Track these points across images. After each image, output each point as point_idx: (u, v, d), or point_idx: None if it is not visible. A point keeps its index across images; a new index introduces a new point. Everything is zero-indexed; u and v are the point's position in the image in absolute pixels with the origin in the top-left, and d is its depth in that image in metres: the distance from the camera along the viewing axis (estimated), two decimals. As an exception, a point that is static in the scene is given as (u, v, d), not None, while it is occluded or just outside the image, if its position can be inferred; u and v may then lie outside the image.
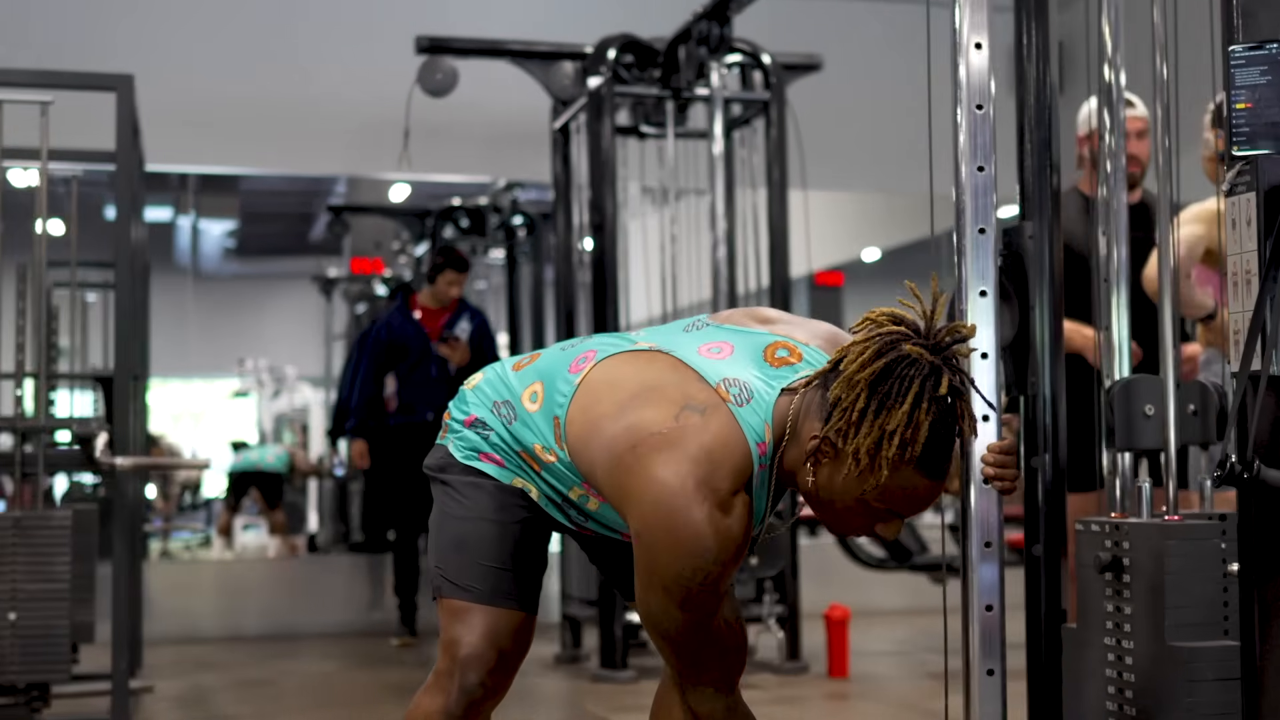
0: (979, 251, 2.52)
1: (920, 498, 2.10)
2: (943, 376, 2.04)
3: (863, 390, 2.04)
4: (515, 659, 2.33)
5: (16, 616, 4.44)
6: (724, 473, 2.08)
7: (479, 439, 2.35)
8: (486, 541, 2.31)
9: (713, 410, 2.13)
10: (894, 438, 2.02)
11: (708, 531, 2.05)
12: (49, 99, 4.69)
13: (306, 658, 6.44)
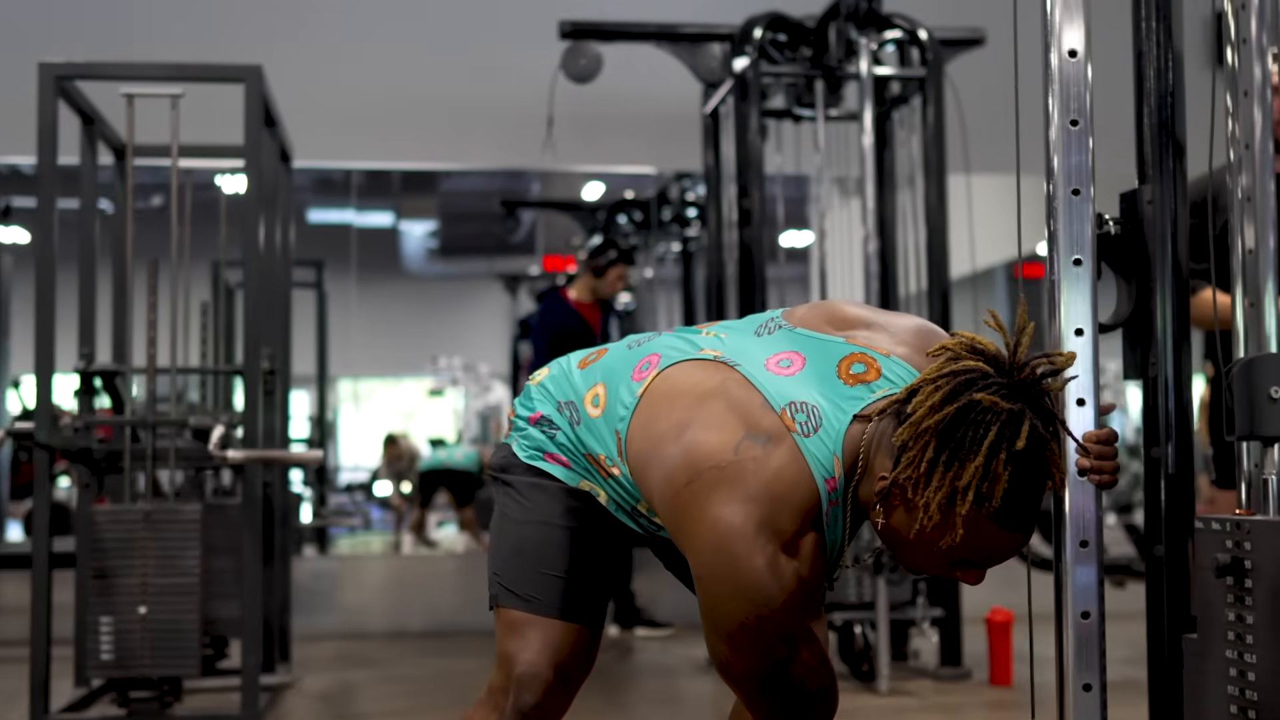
0: (1072, 215, 2.25)
1: (1002, 550, 1.90)
2: (1023, 425, 1.81)
3: (931, 440, 1.84)
4: (576, 678, 2.16)
5: (146, 610, 4.44)
6: (788, 513, 1.89)
7: (544, 438, 2.19)
8: (548, 548, 2.15)
9: (776, 441, 1.92)
10: (968, 493, 1.82)
11: (770, 579, 1.88)
12: (179, 91, 4.70)
13: (461, 655, 6.36)
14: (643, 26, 5.86)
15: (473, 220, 14.91)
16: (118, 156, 5.44)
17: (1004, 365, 1.86)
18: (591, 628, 2.16)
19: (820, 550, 1.94)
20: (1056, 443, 1.88)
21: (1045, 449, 1.84)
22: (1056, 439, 1.88)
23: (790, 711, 2.03)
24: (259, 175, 4.70)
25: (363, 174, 14.18)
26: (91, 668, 4.50)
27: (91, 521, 4.50)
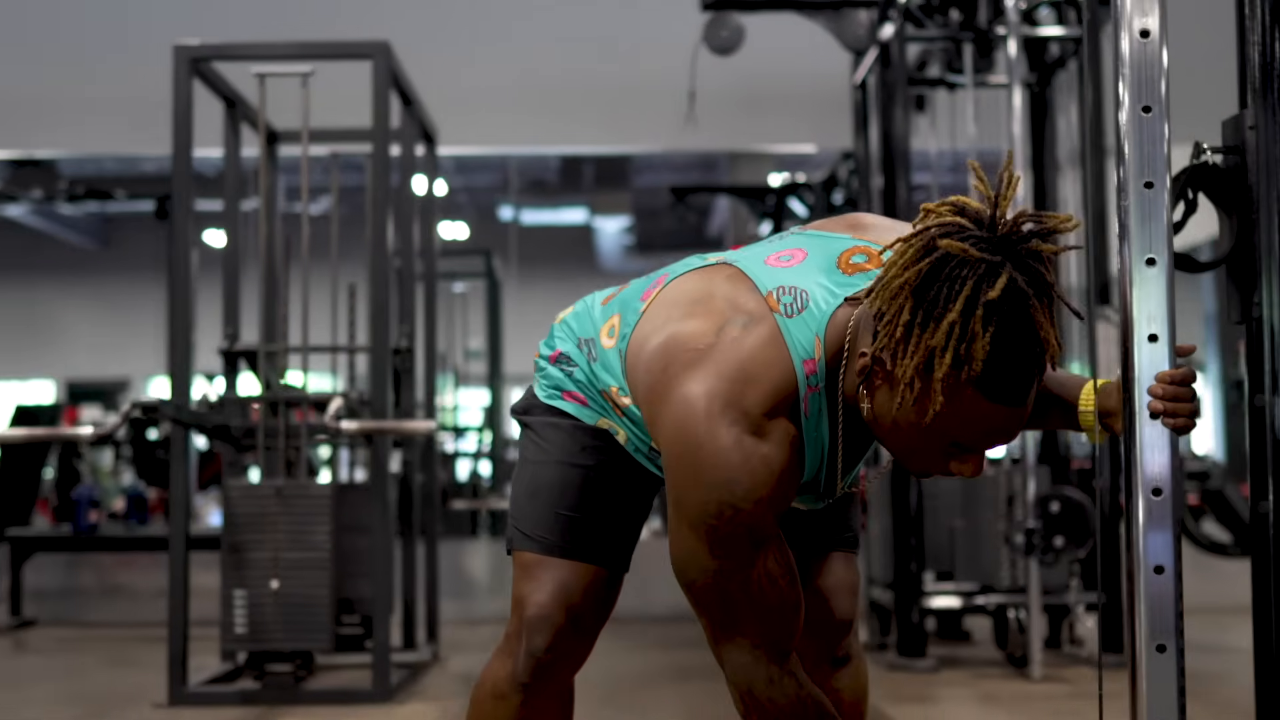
0: (1146, 210, 2.03)
1: (995, 428, 1.71)
2: (1000, 277, 1.63)
3: (905, 299, 1.67)
4: (590, 621, 2.04)
5: (278, 585, 4.48)
6: (758, 392, 1.76)
7: (562, 376, 2.09)
8: (561, 487, 2.04)
9: (757, 321, 1.80)
10: (944, 355, 1.64)
11: (734, 460, 1.74)
12: (309, 70, 4.73)
13: (617, 640, 6.28)
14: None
15: (666, 215, 14.91)
16: (269, 140, 5.51)
17: (985, 221, 1.69)
18: (608, 569, 2.04)
19: (796, 445, 1.79)
20: (1048, 307, 1.68)
21: (1028, 306, 1.65)
22: (1048, 302, 1.68)
23: (746, 621, 1.82)
24: (385, 150, 4.70)
25: (557, 169, 14.30)
26: (228, 641, 4.56)
27: (227, 497, 4.56)
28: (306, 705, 4.50)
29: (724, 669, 1.88)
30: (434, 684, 4.99)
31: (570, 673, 2.09)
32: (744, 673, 1.85)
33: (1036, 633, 4.87)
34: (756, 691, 1.85)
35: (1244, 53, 2.40)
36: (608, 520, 2.05)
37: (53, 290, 17.89)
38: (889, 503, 5.29)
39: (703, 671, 5.43)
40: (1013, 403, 1.69)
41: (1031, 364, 1.68)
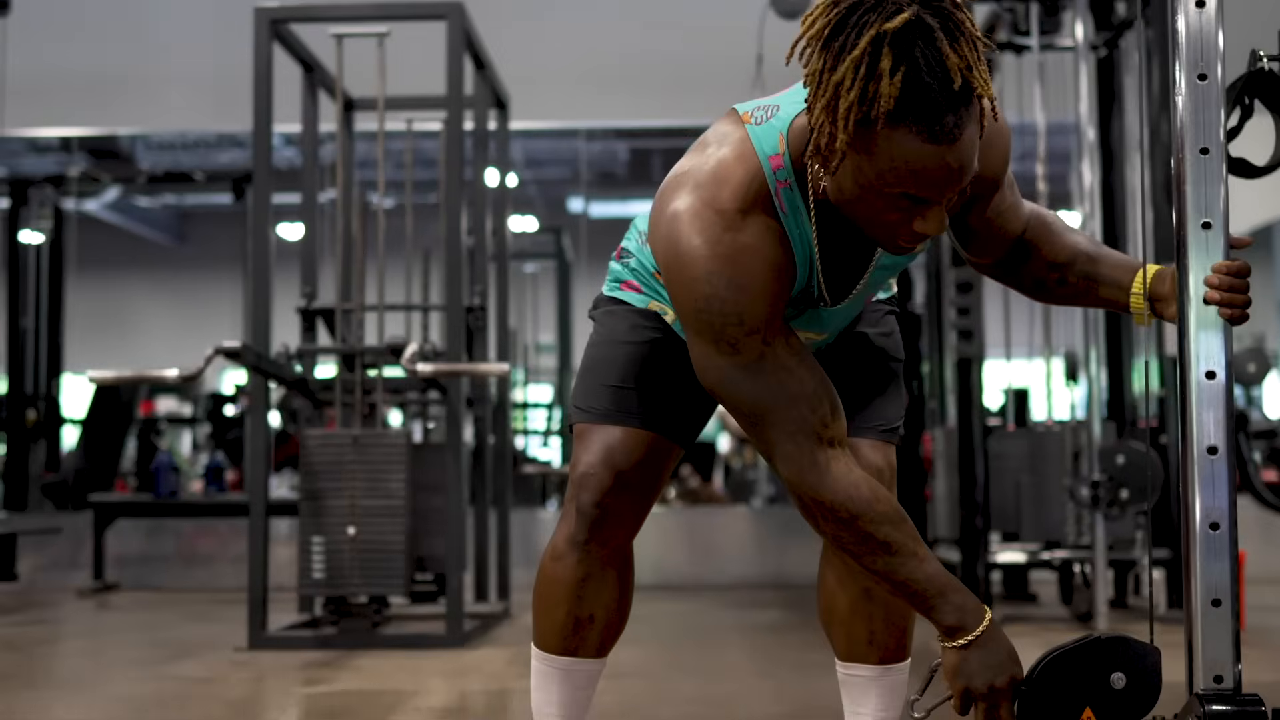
0: (1201, 175, 2.06)
1: (934, 171, 1.68)
2: (904, 11, 1.64)
3: (817, 48, 1.70)
4: (639, 482, 2.12)
5: (355, 531, 4.59)
6: (728, 191, 1.83)
7: (621, 268, 2.22)
8: (611, 362, 2.16)
9: (729, 137, 1.88)
10: (851, 92, 1.65)
11: (708, 253, 1.81)
12: (385, 30, 4.85)
13: (679, 600, 6.38)
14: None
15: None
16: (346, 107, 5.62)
17: None
18: (658, 432, 2.13)
19: (777, 237, 1.86)
20: (962, 44, 1.66)
21: (934, 40, 1.64)
22: (961, 39, 1.66)
23: (775, 413, 1.87)
24: (458, 113, 4.81)
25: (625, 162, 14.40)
26: (305, 586, 4.68)
27: (305, 445, 4.68)
28: (382, 650, 4.61)
29: (778, 471, 1.92)
30: (505, 633, 5.09)
31: (624, 533, 2.15)
32: (791, 464, 1.87)
33: (1102, 587, 4.89)
34: (807, 479, 1.87)
35: (1299, -38, 2.45)
36: (656, 391, 2.14)
37: (130, 284, 18.18)
38: (955, 462, 5.33)
39: (769, 627, 5.51)
40: (939, 139, 1.67)
41: (948, 97, 1.66)
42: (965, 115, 1.68)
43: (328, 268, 5.52)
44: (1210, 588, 2.05)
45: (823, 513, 1.88)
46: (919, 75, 1.64)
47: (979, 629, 1.88)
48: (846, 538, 1.88)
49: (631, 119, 8.85)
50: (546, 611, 2.17)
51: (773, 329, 1.86)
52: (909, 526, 1.89)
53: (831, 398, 1.90)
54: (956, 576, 5.53)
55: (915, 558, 1.87)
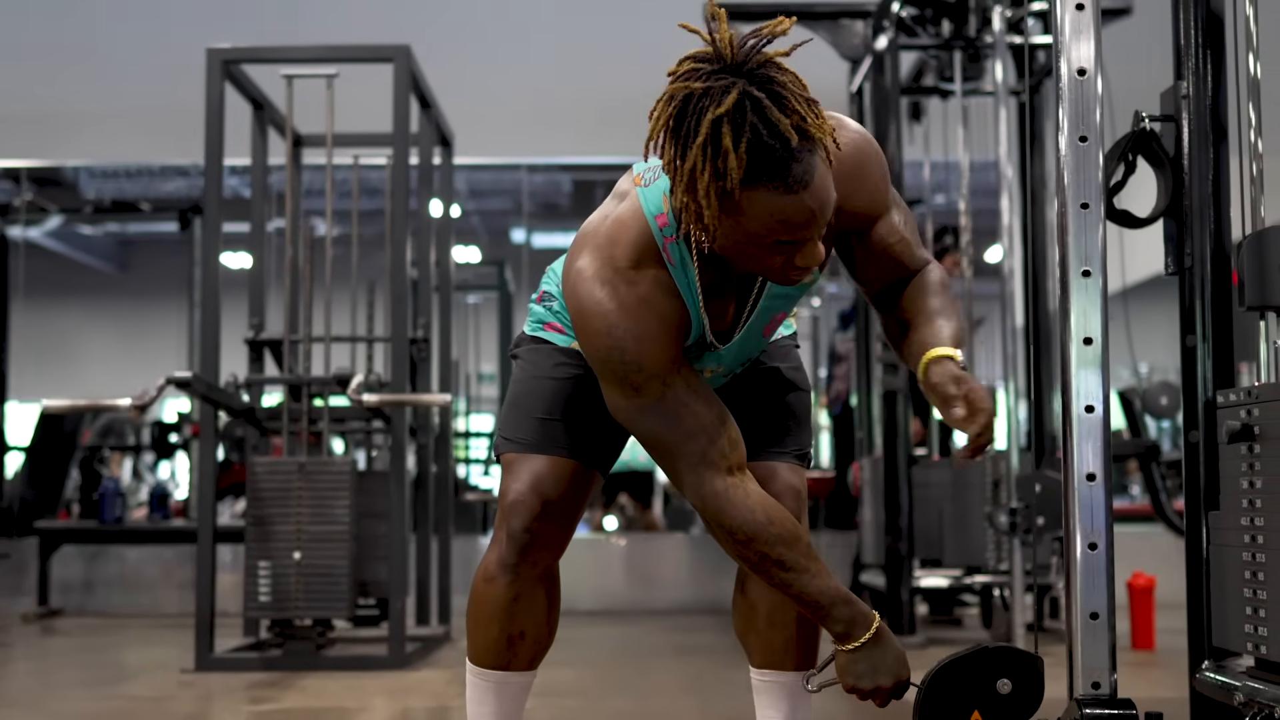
0: (1082, 227, 2.26)
1: (795, 214, 1.89)
2: (731, 92, 1.83)
3: (666, 141, 1.92)
4: (564, 508, 2.31)
5: (301, 556, 4.74)
6: (621, 250, 2.07)
7: (544, 310, 2.41)
8: (537, 395, 2.35)
9: (623, 198, 2.13)
10: (704, 174, 1.86)
11: (608, 307, 2.04)
12: (334, 72, 5.02)
13: (616, 625, 6.55)
14: (785, 6, 6.00)
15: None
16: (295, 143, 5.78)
17: (713, 57, 1.89)
18: (580, 461, 2.31)
19: (667, 288, 2.07)
20: (790, 103, 1.86)
21: (764, 110, 1.84)
22: (787, 99, 1.86)
23: (680, 446, 2.08)
24: (404, 150, 4.98)
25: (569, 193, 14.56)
26: (251, 609, 4.82)
27: (252, 473, 4.82)
28: (326, 671, 4.76)
29: (689, 499, 2.14)
30: (446, 655, 5.24)
31: (551, 555, 2.33)
32: (693, 492, 2.10)
33: (1019, 611, 5.10)
34: (707, 505, 2.10)
35: (1176, 30, 2.68)
36: (578, 422, 2.33)
37: (73, 312, 18.17)
38: (881, 489, 5.54)
39: (702, 649, 5.69)
40: (793, 188, 1.87)
41: (790, 152, 1.86)
42: (811, 161, 1.88)
43: (274, 298, 5.66)
44: (1089, 602, 2.24)
45: (724, 535, 2.10)
46: (760, 140, 1.84)
47: (865, 636, 2.11)
48: (747, 556, 2.10)
49: (573, 155, 9.05)
50: (480, 629, 2.34)
51: (672, 371, 2.07)
52: (803, 545, 2.10)
53: (730, 430, 2.11)
54: (882, 599, 5.68)
55: (808, 573, 2.09)
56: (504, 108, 7.82)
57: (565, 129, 8.12)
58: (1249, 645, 2.31)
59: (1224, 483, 2.40)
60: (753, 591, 2.40)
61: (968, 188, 5.88)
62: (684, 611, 7.14)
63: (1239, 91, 2.65)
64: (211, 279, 4.96)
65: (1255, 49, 2.64)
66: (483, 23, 8.10)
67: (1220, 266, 2.60)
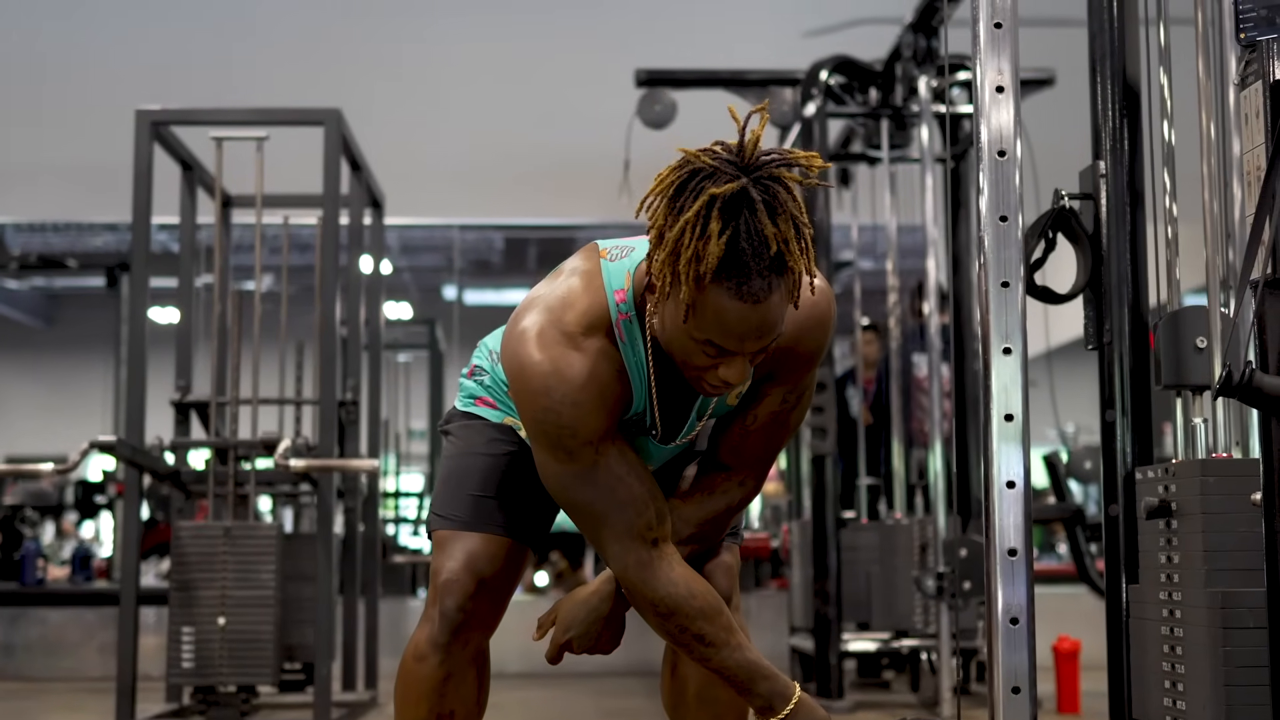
0: (1002, 305, 2.29)
1: (740, 326, 1.91)
2: (733, 184, 1.86)
3: (660, 205, 1.93)
4: (498, 586, 2.29)
5: (225, 622, 4.69)
6: (573, 315, 2.06)
7: (475, 385, 2.39)
8: (471, 472, 2.32)
9: (583, 268, 2.12)
10: (687, 248, 1.87)
11: (549, 369, 2.03)
12: (264, 135, 5.02)
13: (544, 688, 6.51)
14: (714, 73, 6.08)
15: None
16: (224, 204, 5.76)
17: (734, 150, 1.92)
18: (514, 539, 2.30)
19: (611, 360, 2.06)
20: (782, 221, 1.88)
21: (755, 213, 1.86)
22: (782, 216, 1.89)
23: (606, 515, 2.09)
24: (335, 212, 4.98)
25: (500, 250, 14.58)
26: (174, 676, 4.75)
27: (177, 537, 4.77)
28: (250, 738, 4.70)
29: (613, 570, 2.15)
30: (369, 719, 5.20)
31: (483, 634, 2.30)
32: (618, 562, 2.11)
33: (947, 674, 5.13)
34: (630, 576, 2.11)
35: (1094, 111, 2.75)
36: (512, 500, 2.31)
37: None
38: (809, 552, 5.56)
39: (628, 712, 5.67)
40: (745, 298, 1.87)
41: (764, 265, 1.87)
42: (775, 282, 1.89)
43: (202, 356, 5.61)
44: (1010, 676, 2.25)
45: (646, 606, 2.11)
46: (738, 238, 1.86)
47: (785, 710, 2.11)
48: (668, 629, 2.11)
49: (504, 216, 9.10)
50: (409, 708, 2.31)
51: (605, 441, 2.07)
52: (724, 619, 2.10)
53: (658, 504, 2.11)
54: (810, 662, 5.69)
55: (728, 647, 2.10)
56: (433, 170, 7.84)
57: (495, 191, 8.16)
58: (1167, 718, 2.34)
59: (1143, 556, 2.43)
60: (683, 669, 2.40)
61: (895, 251, 5.95)
62: (613, 674, 7.10)
63: (1154, 158, 2.72)
64: (138, 339, 4.92)
65: (1169, 115, 2.70)
66: (413, 85, 8.13)
67: (1139, 341, 2.65)
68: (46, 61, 8.49)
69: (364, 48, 8.38)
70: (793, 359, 2.15)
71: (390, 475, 10.32)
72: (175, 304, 5.41)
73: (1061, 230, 2.72)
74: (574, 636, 2.30)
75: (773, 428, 2.22)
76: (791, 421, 2.24)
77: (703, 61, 6.44)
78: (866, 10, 6.71)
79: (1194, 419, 2.41)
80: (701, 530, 2.23)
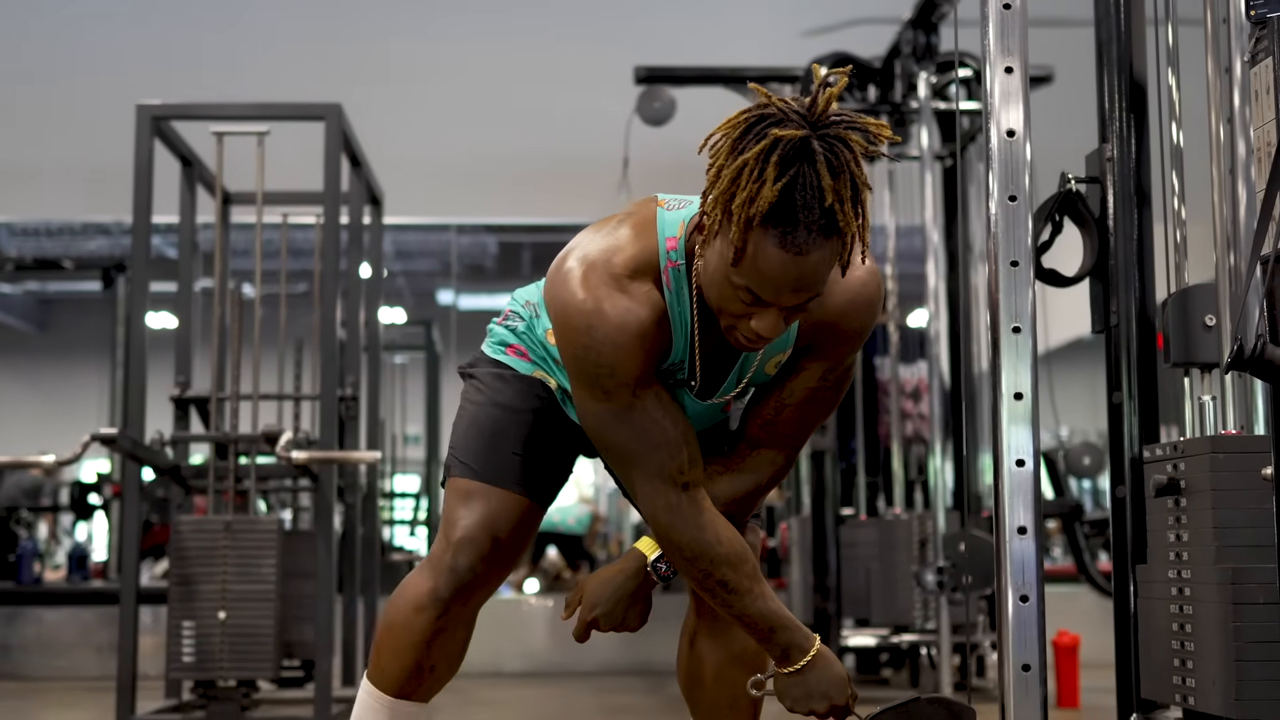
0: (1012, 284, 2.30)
1: (775, 273, 1.89)
2: (796, 133, 1.85)
3: (724, 145, 1.92)
4: (512, 548, 2.28)
5: (225, 616, 4.68)
6: (621, 258, 2.05)
7: (507, 331, 2.37)
8: (499, 425, 2.30)
9: (637, 214, 2.11)
10: (742, 188, 1.86)
11: (592, 307, 2.02)
12: (265, 129, 5.02)
13: (546, 687, 6.51)
14: (713, 70, 6.09)
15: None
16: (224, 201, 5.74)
17: (809, 105, 1.91)
18: (534, 500, 2.29)
19: (656, 307, 2.05)
20: (842, 181, 1.87)
21: (815, 164, 1.85)
22: (843, 176, 1.87)
23: (641, 456, 2.08)
24: (335, 208, 4.98)
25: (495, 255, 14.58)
26: (174, 670, 4.74)
27: (177, 531, 4.76)
28: (250, 733, 4.69)
29: (640, 510, 2.14)
30: (372, 717, 5.17)
31: (485, 594, 2.30)
32: (648, 504, 2.10)
33: (946, 668, 5.14)
34: (660, 518, 2.10)
35: (1101, 95, 2.75)
36: (535, 458, 2.30)
37: (-12, 371, 17.91)
38: (809, 549, 5.57)
39: (628, 709, 5.66)
40: (788, 248, 1.86)
41: (813, 218, 1.85)
42: (820, 239, 1.87)
43: (200, 358, 5.61)
44: (1021, 655, 2.25)
45: (671, 548, 2.11)
46: (794, 187, 1.84)
47: (802, 661, 2.12)
48: (692, 573, 2.11)
49: (502, 216, 9.10)
50: (394, 655, 2.28)
51: (643, 384, 2.06)
52: (749, 567, 2.10)
53: (692, 448, 2.10)
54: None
55: (750, 595, 2.10)
56: (431, 169, 7.84)
57: (493, 190, 8.16)
58: (1177, 697, 2.35)
59: (1151, 536, 2.44)
60: (701, 649, 2.40)
61: (894, 252, 5.96)
62: (612, 673, 7.10)
63: (1163, 160, 2.72)
64: (138, 334, 4.92)
65: (1178, 118, 2.71)
66: (411, 84, 8.14)
67: (1145, 324, 2.66)
68: (41, 59, 8.48)
69: (361, 47, 8.38)
70: (835, 334, 2.15)
71: (385, 478, 10.31)
72: (172, 308, 5.39)
73: (1068, 214, 2.72)
74: (600, 614, 2.29)
75: (808, 405, 2.22)
76: (828, 402, 2.24)
77: (701, 60, 6.44)
78: (865, 10, 6.72)
79: (1202, 396, 2.41)
80: (728, 510, 2.22)
